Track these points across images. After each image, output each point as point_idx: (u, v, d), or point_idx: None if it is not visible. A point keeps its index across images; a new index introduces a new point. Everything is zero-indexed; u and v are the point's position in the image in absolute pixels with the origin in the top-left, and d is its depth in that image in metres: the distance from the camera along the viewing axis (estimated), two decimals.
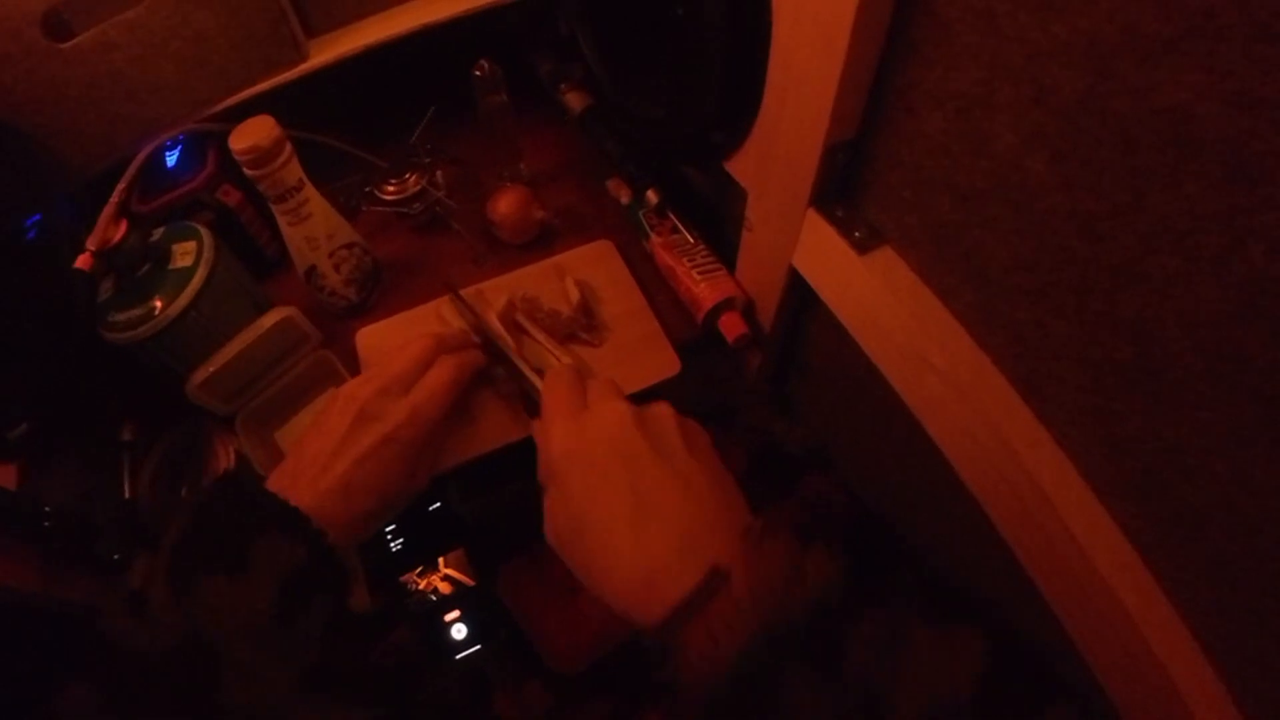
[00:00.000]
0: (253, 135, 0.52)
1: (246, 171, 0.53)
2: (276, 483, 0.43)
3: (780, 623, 0.32)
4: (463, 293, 0.58)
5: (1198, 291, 0.31)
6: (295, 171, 0.55)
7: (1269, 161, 0.27)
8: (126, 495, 0.55)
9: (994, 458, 0.42)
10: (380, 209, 0.65)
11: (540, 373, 0.53)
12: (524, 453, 0.55)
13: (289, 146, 0.53)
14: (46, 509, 0.48)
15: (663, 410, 0.42)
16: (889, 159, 0.43)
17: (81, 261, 0.51)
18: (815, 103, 0.42)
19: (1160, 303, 0.33)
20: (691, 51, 0.48)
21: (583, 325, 0.57)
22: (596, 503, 0.38)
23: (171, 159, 0.61)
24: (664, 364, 0.57)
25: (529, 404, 0.52)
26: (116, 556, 0.50)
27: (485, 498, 0.60)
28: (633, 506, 0.37)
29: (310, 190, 0.56)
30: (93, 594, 0.50)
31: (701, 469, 0.39)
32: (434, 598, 0.65)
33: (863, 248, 0.45)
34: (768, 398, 0.67)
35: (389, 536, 0.66)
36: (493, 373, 0.55)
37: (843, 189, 0.47)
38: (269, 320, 0.55)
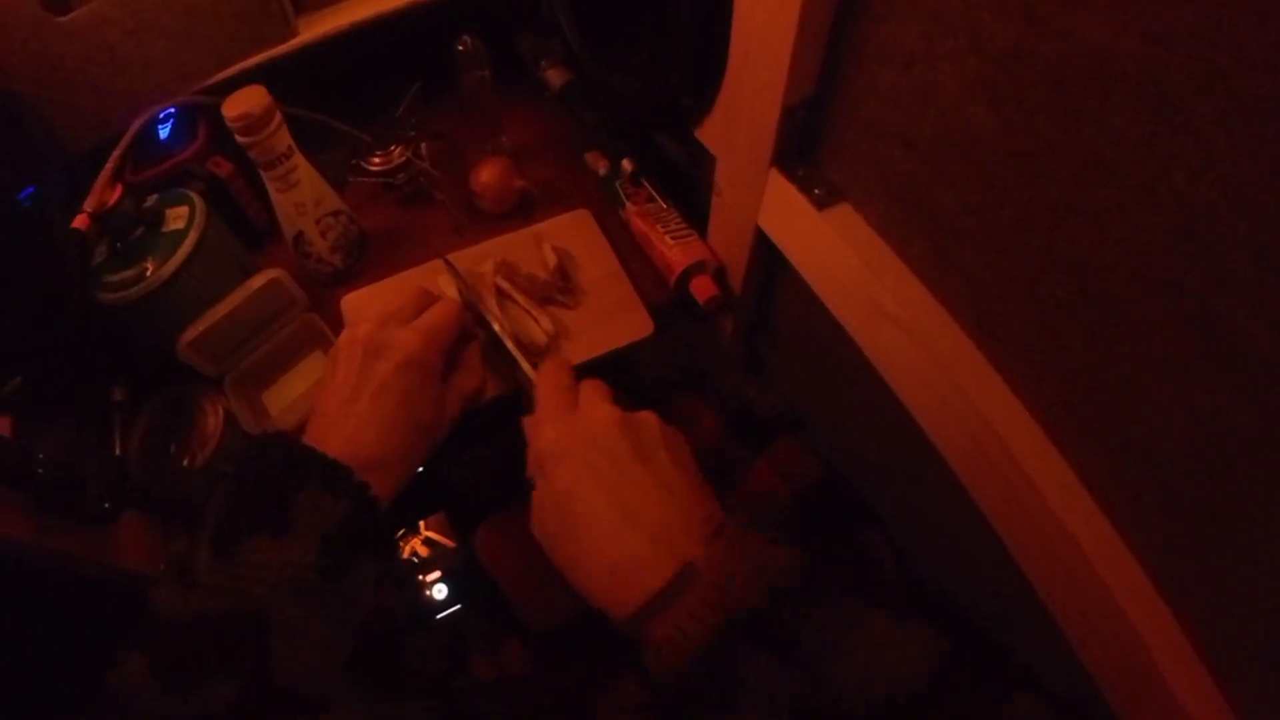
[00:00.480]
0: (245, 103, 0.54)
1: (238, 139, 0.55)
2: (309, 441, 0.44)
3: (740, 614, 0.34)
4: (457, 267, 0.60)
5: (1130, 220, 0.33)
6: (285, 139, 0.57)
7: (1181, 91, 0.29)
8: (117, 453, 0.57)
9: (950, 402, 0.44)
10: (366, 181, 0.67)
11: (521, 344, 0.55)
12: (503, 411, 0.57)
13: (279, 115, 0.56)
14: (39, 456, 0.50)
15: (649, 418, 0.44)
16: (845, 116, 0.45)
17: (78, 222, 0.53)
18: (773, 64, 0.44)
19: (1097, 234, 0.34)
20: (662, 20, 0.50)
21: (559, 288, 0.59)
22: (582, 499, 0.40)
23: (164, 132, 0.63)
24: (637, 325, 0.59)
25: (519, 392, 0.53)
26: (107, 505, 0.52)
27: (463, 456, 0.61)
28: (615, 505, 0.39)
29: (299, 158, 0.58)
30: (81, 544, 0.52)
31: (680, 474, 0.41)
32: (416, 560, 0.66)
33: (822, 204, 0.47)
34: (741, 362, 0.69)
35: None
36: (477, 333, 0.56)
37: (803, 149, 0.49)
38: (258, 281, 0.57)
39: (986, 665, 0.34)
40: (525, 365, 0.52)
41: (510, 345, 0.53)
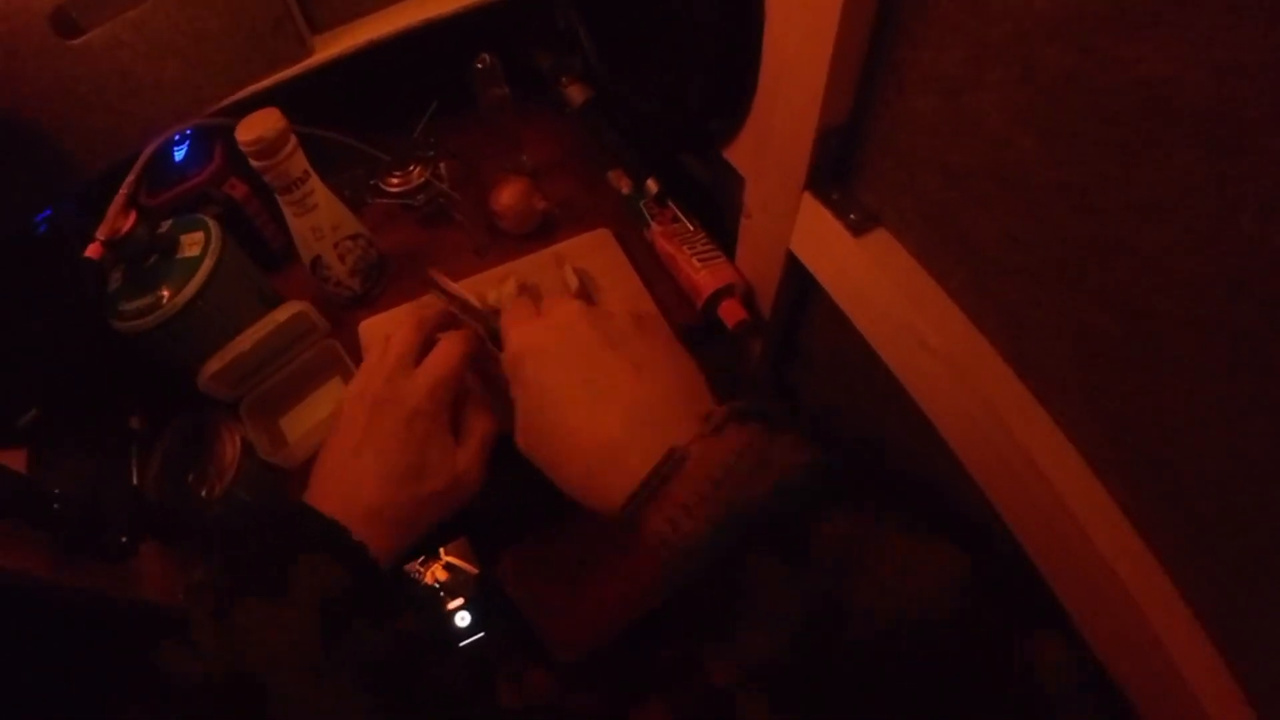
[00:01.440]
0: (259, 127, 0.53)
1: (253, 163, 0.54)
2: (310, 499, 0.42)
3: (742, 508, 0.31)
4: (440, 281, 0.57)
5: (1189, 263, 0.31)
6: (300, 163, 0.56)
7: (1255, 128, 0.27)
8: (134, 483, 0.56)
9: (991, 438, 0.42)
10: (385, 201, 0.66)
11: None
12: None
13: (294, 138, 0.54)
14: (55, 493, 0.49)
15: (617, 308, 0.42)
16: (882, 142, 0.44)
17: (91, 251, 0.52)
18: (808, 88, 0.42)
19: (1151, 276, 0.33)
20: (685, 41, 0.48)
21: None
22: (551, 391, 0.38)
23: (179, 154, 0.62)
24: None
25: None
26: (124, 540, 0.51)
27: (487, 484, 0.60)
28: (586, 390, 0.37)
29: (315, 181, 0.57)
30: (99, 578, 0.51)
31: (656, 355, 0.39)
32: (438, 587, 0.65)
33: (858, 230, 0.46)
34: (770, 386, 0.68)
35: None
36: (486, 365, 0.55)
37: (838, 173, 0.47)
38: (283, 314, 0.56)
39: (1011, 594, 0.31)
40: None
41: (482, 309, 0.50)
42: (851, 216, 0.46)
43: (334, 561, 0.38)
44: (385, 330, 0.60)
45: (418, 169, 0.65)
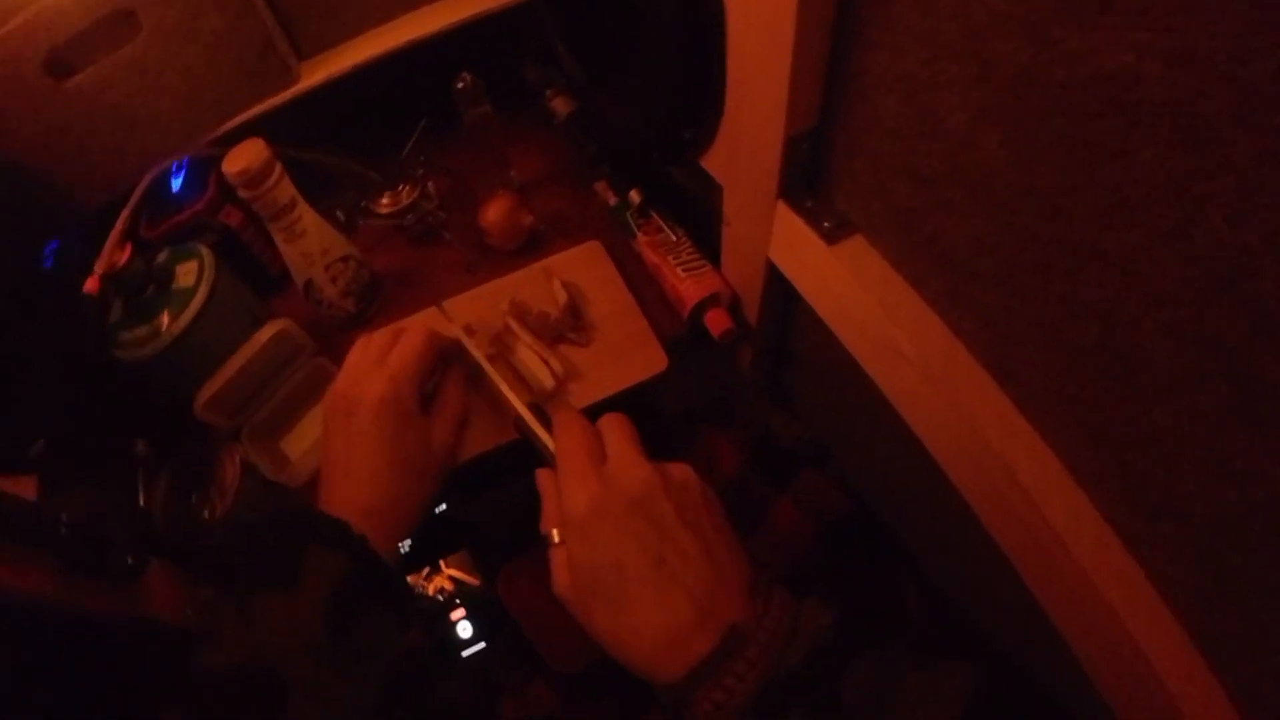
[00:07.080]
0: (244, 158, 0.54)
1: (240, 193, 0.55)
2: (320, 503, 0.46)
3: (782, 671, 0.34)
4: (450, 313, 0.58)
5: (1159, 266, 0.30)
6: (287, 190, 0.57)
7: (1218, 121, 0.26)
8: (141, 505, 0.58)
9: (969, 447, 0.41)
10: (376, 222, 0.67)
11: (522, 384, 0.53)
12: (516, 454, 0.56)
13: (279, 167, 0.55)
14: (63, 518, 0.51)
15: (688, 477, 0.41)
16: (850, 147, 0.43)
17: (89, 285, 0.54)
18: (772, 94, 0.41)
19: (1122, 281, 0.31)
20: (654, 49, 0.48)
21: (570, 326, 0.58)
22: (625, 567, 0.38)
23: (176, 184, 0.63)
24: (651, 361, 0.57)
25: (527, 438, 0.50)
26: (131, 561, 0.53)
27: (480, 499, 0.61)
28: (658, 572, 0.37)
29: (303, 208, 0.58)
30: (107, 598, 0.53)
31: (718, 535, 0.40)
32: (440, 599, 0.66)
33: (831, 238, 0.45)
34: (764, 392, 0.66)
35: None
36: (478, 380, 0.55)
37: (811, 180, 0.46)
38: (265, 334, 0.57)
39: (1015, 703, 0.35)
40: (532, 421, 0.48)
41: (514, 400, 0.50)
42: (825, 224, 0.45)
43: (335, 554, 0.42)
44: None
45: (406, 189, 0.66)
